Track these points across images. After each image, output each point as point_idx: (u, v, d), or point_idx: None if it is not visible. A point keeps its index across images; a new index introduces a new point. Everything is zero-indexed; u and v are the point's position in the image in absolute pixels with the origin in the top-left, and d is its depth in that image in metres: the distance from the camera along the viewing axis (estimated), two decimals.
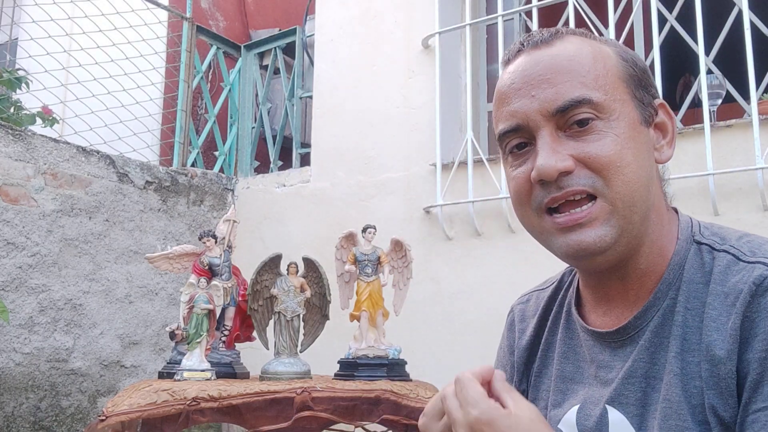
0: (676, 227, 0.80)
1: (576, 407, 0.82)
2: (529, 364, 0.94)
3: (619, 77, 0.77)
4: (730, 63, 2.58)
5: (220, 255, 2.18)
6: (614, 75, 0.77)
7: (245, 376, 2.18)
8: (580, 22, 2.67)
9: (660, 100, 0.81)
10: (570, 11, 2.66)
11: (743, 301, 0.68)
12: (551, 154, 0.73)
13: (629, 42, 2.89)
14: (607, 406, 0.77)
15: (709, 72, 2.46)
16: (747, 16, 2.31)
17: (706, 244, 0.76)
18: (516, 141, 0.78)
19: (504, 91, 0.79)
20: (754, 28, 2.36)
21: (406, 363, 2.14)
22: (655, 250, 0.78)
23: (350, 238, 2.17)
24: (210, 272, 2.15)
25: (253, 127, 3.92)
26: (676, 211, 0.84)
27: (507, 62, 0.81)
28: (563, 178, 0.73)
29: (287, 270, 2.17)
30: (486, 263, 2.70)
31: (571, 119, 0.74)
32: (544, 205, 0.75)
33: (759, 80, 2.37)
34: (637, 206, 0.74)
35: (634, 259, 0.77)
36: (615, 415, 0.76)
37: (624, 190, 0.73)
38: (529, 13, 2.97)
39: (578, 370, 0.85)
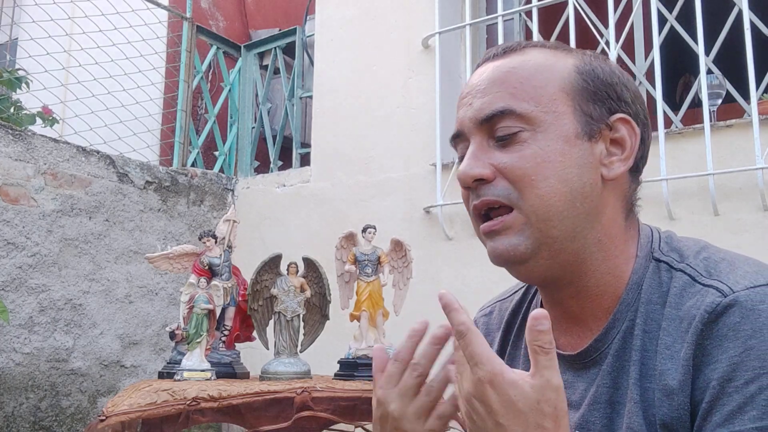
0: (636, 244, 0.79)
1: None
2: None
3: (562, 89, 0.75)
4: (730, 63, 2.58)
5: (220, 255, 2.18)
6: (555, 86, 0.75)
7: (245, 376, 2.18)
8: (580, 22, 2.67)
9: (622, 115, 0.77)
10: (570, 11, 2.66)
11: (695, 329, 0.67)
12: (470, 161, 0.75)
13: (629, 42, 2.89)
14: None
15: (709, 72, 2.46)
16: (747, 16, 2.31)
17: (665, 262, 0.75)
18: (460, 149, 0.80)
19: (460, 97, 0.82)
20: (754, 28, 2.36)
21: None
22: (605, 269, 0.76)
23: (350, 238, 2.17)
24: (210, 272, 2.15)
25: (253, 127, 3.92)
26: (637, 223, 0.81)
27: (475, 69, 0.84)
28: (482, 186, 0.75)
29: (287, 270, 2.17)
30: (486, 263, 2.68)
31: (497, 131, 0.75)
32: (473, 211, 0.78)
33: (759, 80, 2.37)
34: (555, 221, 0.73)
35: (581, 279, 0.77)
36: None
37: (538, 204, 0.72)
38: (529, 13, 2.97)
39: None
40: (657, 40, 2.47)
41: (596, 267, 0.76)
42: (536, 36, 2.74)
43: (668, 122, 2.54)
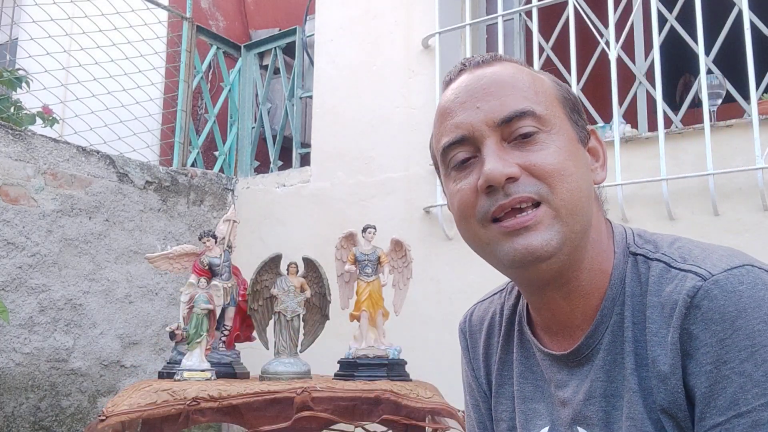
0: (612, 241, 0.81)
1: (545, 429, 0.83)
2: (490, 384, 0.95)
3: (556, 97, 0.80)
4: (730, 63, 2.58)
5: (220, 255, 2.18)
6: (551, 95, 0.80)
7: (245, 376, 2.18)
8: (580, 22, 2.67)
9: (591, 127, 0.85)
10: (570, 11, 2.66)
11: (679, 314, 0.69)
12: (498, 160, 0.74)
13: (629, 42, 2.89)
14: (577, 427, 0.78)
15: (709, 72, 2.46)
16: (747, 16, 2.31)
17: (641, 255, 0.78)
18: (461, 155, 0.78)
19: (447, 106, 0.80)
20: (754, 28, 2.36)
21: (406, 363, 2.14)
22: (595, 267, 0.79)
23: (350, 238, 2.17)
24: (210, 272, 2.15)
25: (253, 127, 3.92)
26: (610, 223, 0.85)
27: (449, 82, 0.83)
28: (509, 185, 0.74)
29: (287, 270, 2.17)
30: (486, 263, 2.69)
31: (516, 131, 0.76)
32: (490, 215, 0.76)
33: (759, 80, 2.37)
34: (579, 215, 0.75)
35: (576, 277, 0.78)
36: None
37: (568, 197, 0.74)
38: (529, 13, 2.97)
39: (537, 390, 0.86)
40: (657, 40, 2.47)
41: (589, 265, 0.79)
42: (536, 36, 2.74)
43: (668, 122, 2.54)
